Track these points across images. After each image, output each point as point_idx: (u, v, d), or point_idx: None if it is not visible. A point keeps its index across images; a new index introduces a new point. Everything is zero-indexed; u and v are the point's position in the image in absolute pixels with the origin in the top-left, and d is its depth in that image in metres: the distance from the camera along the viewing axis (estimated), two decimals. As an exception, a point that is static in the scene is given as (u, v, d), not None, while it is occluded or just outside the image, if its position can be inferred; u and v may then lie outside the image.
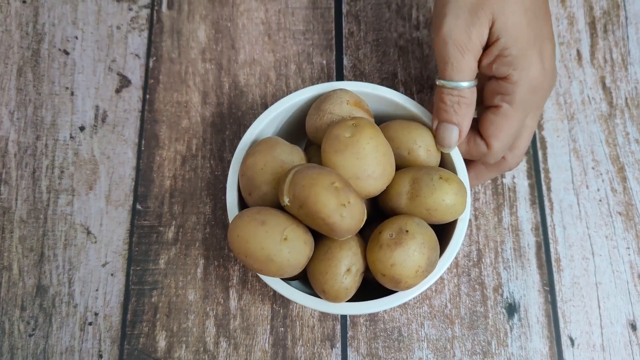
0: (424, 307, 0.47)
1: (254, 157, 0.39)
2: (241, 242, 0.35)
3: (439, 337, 0.46)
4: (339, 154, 0.37)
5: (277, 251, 0.35)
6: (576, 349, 0.46)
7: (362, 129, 0.37)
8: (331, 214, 0.34)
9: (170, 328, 0.46)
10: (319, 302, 0.38)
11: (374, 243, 0.37)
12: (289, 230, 0.35)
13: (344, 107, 0.40)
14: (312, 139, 0.42)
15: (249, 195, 0.39)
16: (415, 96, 0.52)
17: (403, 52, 0.54)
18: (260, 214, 0.35)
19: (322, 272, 0.37)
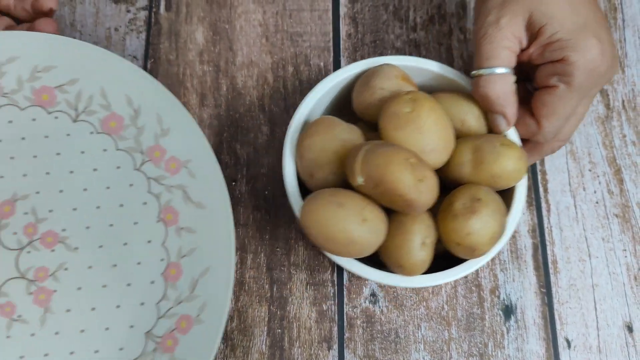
0: (421, 308, 0.47)
1: (313, 138, 0.39)
2: (320, 227, 0.35)
3: (435, 339, 0.46)
4: (400, 130, 0.37)
5: (359, 233, 0.35)
6: (572, 350, 0.46)
7: (421, 103, 0.37)
8: (410, 190, 0.34)
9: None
10: (397, 278, 0.38)
11: (447, 213, 0.37)
12: (367, 210, 0.35)
13: (394, 81, 0.41)
14: (361, 116, 0.42)
15: (310, 177, 0.39)
16: None
17: (400, 53, 0.54)
18: (335, 196, 0.36)
19: (398, 247, 0.37)
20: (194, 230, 0.43)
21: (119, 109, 0.45)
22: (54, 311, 0.42)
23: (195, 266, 0.42)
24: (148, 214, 0.44)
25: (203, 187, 0.43)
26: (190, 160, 0.44)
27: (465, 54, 0.54)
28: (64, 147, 0.45)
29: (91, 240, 0.43)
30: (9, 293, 0.42)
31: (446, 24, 0.55)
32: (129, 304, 0.42)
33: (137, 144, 0.45)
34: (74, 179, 0.44)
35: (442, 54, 0.54)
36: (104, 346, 0.42)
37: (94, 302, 0.42)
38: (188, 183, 0.43)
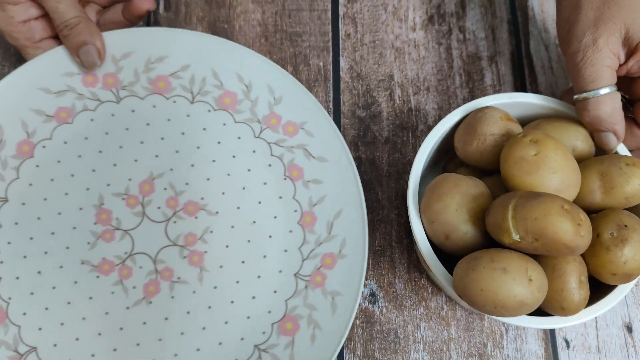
0: (420, 309, 0.48)
1: (443, 200, 0.38)
2: (488, 295, 0.35)
3: (435, 339, 0.47)
4: (533, 175, 0.37)
5: (529, 294, 0.35)
6: (571, 351, 0.47)
7: (544, 143, 0.37)
8: (573, 237, 0.34)
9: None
10: (566, 319, 0.39)
11: (598, 247, 0.37)
12: (530, 269, 0.35)
13: (500, 124, 0.41)
14: (470, 163, 0.43)
15: (445, 239, 0.39)
16: (412, 98, 0.53)
17: (400, 53, 0.55)
18: (495, 261, 0.35)
19: (558, 291, 0.37)
20: (321, 181, 0.49)
21: (231, 87, 0.50)
22: (208, 269, 0.47)
23: (327, 211, 0.48)
24: (274, 173, 0.49)
25: (322, 142, 0.49)
26: (306, 121, 0.49)
27: (464, 53, 0.55)
28: (187, 126, 0.50)
29: (228, 204, 0.49)
30: (165, 259, 0.47)
31: (445, 23, 0.56)
32: (273, 253, 0.48)
33: (253, 114, 0.50)
34: (201, 153, 0.50)
35: (442, 53, 0.55)
36: (259, 292, 0.47)
37: (242, 256, 0.48)
38: (307, 142, 0.49)
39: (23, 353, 0.45)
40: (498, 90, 0.54)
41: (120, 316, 0.46)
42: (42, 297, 0.46)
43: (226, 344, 0.46)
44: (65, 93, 0.49)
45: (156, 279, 0.47)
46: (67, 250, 0.47)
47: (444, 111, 0.53)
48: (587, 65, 0.40)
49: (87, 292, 0.46)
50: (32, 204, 0.48)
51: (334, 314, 0.46)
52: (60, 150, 0.49)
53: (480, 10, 0.56)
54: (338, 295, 0.46)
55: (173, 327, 0.46)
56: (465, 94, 0.54)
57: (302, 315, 0.46)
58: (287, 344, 0.46)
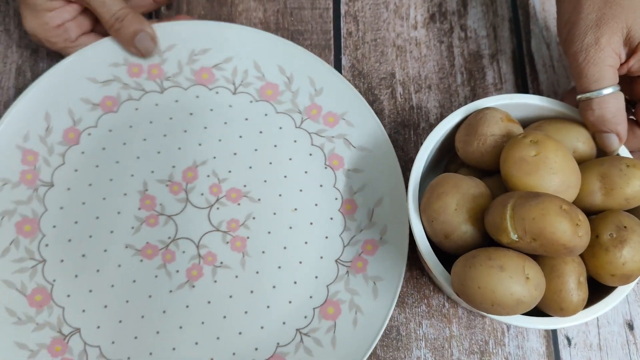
0: (422, 306, 0.48)
1: (443, 199, 0.38)
2: (485, 293, 0.35)
3: (437, 337, 0.47)
4: (532, 175, 0.37)
5: (526, 292, 0.34)
6: (573, 348, 0.47)
7: (544, 144, 0.37)
8: (571, 238, 0.34)
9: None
10: (564, 320, 0.39)
11: (597, 248, 0.37)
12: (527, 267, 0.35)
13: (501, 125, 0.41)
14: (471, 163, 0.43)
15: (444, 238, 0.39)
16: (414, 96, 0.53)
17: (401, 51, 0.55)
18: (492, 259, 0.35)
19: (556, 292, 0.37)
20: (361, 170, 0.50)
21: (272, 78, 0.52)
22: (250, 255, 0.48)
23: (368, 199, 0.49)
24: (315, 162, 0.50)
25: (362, 132, 0.50)
26: (346, 112, 0.51)
27: (466, 51, 0.55)
28: (229, 116, 0.51)
29: (270, 191, 0.50)
30: (208, 245, 0.48)
31: (447, 21, 0.56)
32: (314, 239, 0.49)
33: (294, 105, 0.51)
34: (244, 142, 0.51)
35: (443, 52, 0.55)
36: (301, 277, 0.48)
37: (284, 242, 0.49)
38: (348, 132, 0.50)
39: (67, 334, 0.46)
40: (499, 89, 0.54)
41: (164, 299, 0.47)
42: (86, 280, 0.47)
43: (268, 327, 0.47)
44: (111, 83, 0.51)
45: (199, 263, 0.48)
46: (111, 234, 0.48)
47: (445, 109, 0.54)
48: (590, 65, 0.40)
49: (131, 276, 0.47)
50: (77, 189, 0.49)
51: (375, 298, 0.46)
52: (105, 138, 0.50)
53: (481, 8, 0.57)
54: (379, 280, 0.47)
55: (215, 310, 0.47)
56: (467, 92, 0.54)
57: (344, 299, 0.47)
58: (328, 327, 0.46)
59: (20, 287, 0.46)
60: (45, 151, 0.49)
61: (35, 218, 0.48)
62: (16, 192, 0.48)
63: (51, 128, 0.49)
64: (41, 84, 0.49)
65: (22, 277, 0.47)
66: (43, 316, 0.46)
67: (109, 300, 0.47)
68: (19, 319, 0.46)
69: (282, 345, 0.46)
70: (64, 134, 0.49)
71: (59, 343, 0.46)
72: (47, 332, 0.46)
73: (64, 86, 0.50)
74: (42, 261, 0.47)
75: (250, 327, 0.46)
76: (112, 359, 0.46)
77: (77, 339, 0.46)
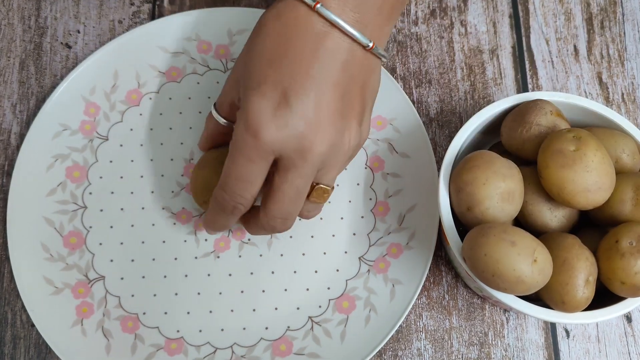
0: (422, 298, 0.48)
1: (473, 172, 0.39)
2: (489, 262, 0.36)
3: (436, 328, 0.47)
4: (566, 169, 0.38)
5: (529, 273, 0.35)
6: (571, 340, 0.47)
7: (586, 142, 0.38)
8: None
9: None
10: (562, 316, 0.39)
11: (613, 252, 0.38)
12: (538, 251, 0.36)
13: (549, 117, 0.41)
14: (512, 151, 0.44)
15: (467, 210, 0.40)
16: (414, 91, 0.54)
17: (402, 47, 0.55)
18: (507, 233, 0.36)
19: (562, 284, 0.37)
20: (400, 175, 0.50)
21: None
22: (278, 237, 0.49)
23: (402, 204, 0.50)
24: (356, 161, 0.51)
25: (407, 140, 0.51)
26: (395, 118, 0.52)
27: (466, 47, 0.55)
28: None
29: (308, 181, 0.51)
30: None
31: (447, 17, 0.56)
32: (342, 233, 0.49)
33: (346, 104, 0.53)
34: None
35: (444, 47, 0.55)
36: (322, 267, 0.48)
37: (312, 230, 0.49)
38: (393, 137, 0.51)
39: (92, 279, 0.48)
40: (499, 84, 0.54)
41: (188, 264, 0.48)
42: (119, 232, 0.49)
43: (282, 310, 0.47)
44: (180, 55, 0.53)
45: (228, 236, 0.49)
46: (151, 194, 0.50)
47: (445, 104, 0.54)
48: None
49: (162, 236, 0.49)
50: (129, 147, 0.51)
51: (391, 300, 0.47)
52: (164, 104, 0.52)
53: (481, 4, 0.57)
54: (399, 283, 0.47)
55: (235, 284, 0.48)
56: (467, 87, 0.54)
57: (360, 296, 0.47)
58: (340, 321, 0.47)
59: (59, 227, 0.49)
60: (107, 106, 0.52)
61: (85, 166, 0.50)
62: (73, 139, 0.51)
63: (117, 86, 0.52)
64: (116, 44, 0.52)
65: (62, 218, 0.49)
66: (74, 258, 0.48)
67: (137, 255, 0.48)
68: (51, 255, 0.48)
69: (292, 329, 0.47)
70: (127, 94, 0.52)
71: (83, 286, 0.47)
72: (74, 274, 0.48)
73: (136, 50, 0.53)
74: (83, 207, 0.49)
75: (264, 306, 0.47)
76: (128, 311, 0.47)
77: (100, 286, 0.48)
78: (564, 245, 0.39)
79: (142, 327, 0.47)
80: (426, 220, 0.48)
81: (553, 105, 0.43)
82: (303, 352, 0.46)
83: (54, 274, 0.47)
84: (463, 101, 0.54)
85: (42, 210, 0.49)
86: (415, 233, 0.48)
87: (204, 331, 0.47)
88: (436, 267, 0.49)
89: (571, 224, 0.43)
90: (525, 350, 0.47)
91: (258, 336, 0.47)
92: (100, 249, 0.49)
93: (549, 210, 0.42)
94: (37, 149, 0.50)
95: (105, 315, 0.47)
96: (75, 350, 0.45)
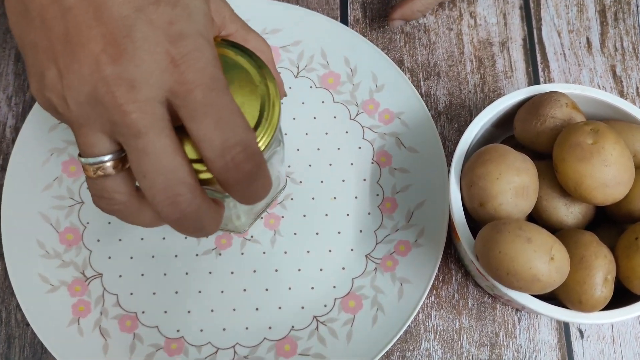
0: (431, 297, 0.47)
1: (486, 166, 0.38)
2: (504, 259, 0.34)
3: (446, 328, 0.46)
4: (584, 162, 0.36)
5: (546, 271, 0.34)
6: (585, 340, 0.46)
7: (604, 135, 0.36)
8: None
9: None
10: (579, 315, 0.37)
11: (634, 249, 0.37)
12: (555, 249, 0.35)
13: (565, 110, 0.40)
14: (525, 143, 0.42)
15: (479, 206, 0.38)
16: (422, 84, 0.52)
17: (409, 38, 0.54)
18: (522, 230, 0.35)
19: (579, 283, 0.36)
20: (408, 170, 0.49)
21: (336, 68, 0.52)
22: (282, 234, 0.48)
23: (410, 200, 0.48)
24: (363, 156, 0.50)
25: (415, 134, 0.49)
26: (403, 112, 0.50)
27: (475, 39, 0.54)
28: (287, 98, 0.51)
29: (313, 176, 0.49)
30: (242, 216, 0.48)
31: (456, 8, 0.55)
32: (348, 231, 0.48)
33: (352, 97, 0.51)
34: (296, 124, 0.51)
35: (452, 39, 0.54)
36: (328, 265, 0.47)
37: (317, 228, 0.48)
38: (401, 131, 0.50)
39: (89, 277, 0.46)
40: (510, 77, 0.53)
41: (189, 262, 0.47)
42: (118, 229, 0.47)
43: (286, 309, 0.46)
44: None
45: (230, 233, 0.47)
46: (151, 189, 0.48)
47: (454, 97, 0.52)
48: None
49: (162, 233, 0.47)
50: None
51: (399, 299, 0.45)
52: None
53: None
54: (407, 282, 0.45)
55: (237, 282, 0.46)
56: (477, 80, 0.53)
57: (367, 295, 0.46)
58: (346, 320, 0.45)
59: (55, 223, 0.47)
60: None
61: (82, 160, 0.48)
62: (69, 132, 0.49)
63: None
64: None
65: (59, 213, 0.47)
66: (70, 255, 0.46)
67: (135, 252, 0.47)
68: (47, 252, 0.46)
69: (296, 329, 0.45)
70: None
71: (80, 284, 0.46)
72: (71, 271, 0.46)
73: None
74: (80, 202, 0.48)
75: (268, 305, 0.46)
76: (127, 310, 0.45)
77: (98, 283, 0.46)
78: (582, 243, 0.38)
79: (140, 327, 0.45)
80: (435, 216, 0.47)
81: (568, 98, 0.41)
82: (308, 352, 0.44)
83: (49, 272, 0.46)
84: (473, 94, 0.52)
85: (37, 205, 0.47)
86: (424, 230, 0.47)
87: (205, 331, 0.45)
88: (445, 265, 0.48)
89: (587, 220, 0.41)
90: (537, 351, 0.46)
91: (261, 336, 0.45)
92: (98, 245, 0.47)
93: (564, 206, 0.40)
94: (32, 143, 0.49)
95: (103, 314, 0.45)
96: (72, 350, 0.44)
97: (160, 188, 0.28)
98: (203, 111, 0.28)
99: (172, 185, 0.28)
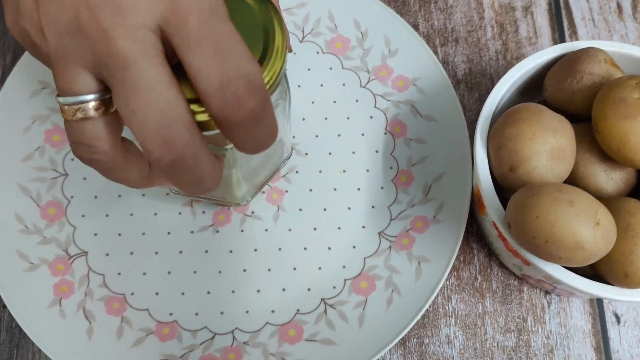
0: (452, 279, 0.42)
1: (518, 125, 0.34)
2: (542, 225, 0.30)
3: (468, 313, 0.42)
4: (630, 120, 0.32)
5: (591, 238, 0.30)
6: (622, 326, 0.42)
7: None
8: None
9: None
10: (615, 291, 0.33)
11: None
12: (600, 213, 0.30)
13: (603, 66, 0.36)
14: (559, 105, 0.38)
15: (509, 171, 0.34)
16: (439, 50, 0.49)
17: (425, 2, 0.50)
18: (564, 192, 0.31)
19: (626, 253, 0.32)
20: (425, 141, 0.45)
21: (345, 32, 0.48)
22: (286, 210, 0.43)
23: (427, 172, 0.44)
24: (375, 126, 0.45)
25: (433, 101, 0.45)
26: (419, 78, 0.46)
27: (496, 3, 0.50)
28: (291, 64, 0.47)
29: (320, 147, 0.45)
30: (242, 190, 0.43)
31: None
32: (359, 206, 0.43)
33: (363, 63, 0.47)
34: (301, 93, 0.46)
35: (471, 3, 0.50)
36: (337, 244, 0.42)
37: (325, 203, 0.43)
38: (417, 98, 0.46)
39: (73, 255, 0.42)
40: (534, 43, 0.49)
41: (183, 239, 0.42)
42: (105, 203, 0.43)
43: (290, 290, 0.41)
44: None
45: (229, 208, 0.43)
46: (142, 160, 0.44)
47: (474, 64, 0.48)
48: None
49: (153, 208, 0.43)
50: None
51: (417, 280, 0.41)
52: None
53: None
54: (425, 261, 0.41)
55: (236, 262, 0.42)
56: (498, 47, 0.49)
57: (381, 275, 0.41)
58: (358, 303, 0.41)
59: (35, 196, 0.43)
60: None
61: (67, 129, 0.44)
62: (53, 98, 0.45)
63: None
64: None
65: (40, 186, 0.43)
66: (52, 231, 0.42)
67: (124, 229, 0.42)
68: (27, 227, 0.42)
69: (302, 312, 0.41)
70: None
71: (63, 262, 0.41)
72: (52, 249, 0.42)
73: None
74: (64, 175, 0.43)
75: (270, 286, 0.41)
76: (114, 291, 0.41)
77: (83, 262, 0.42)
78: (626, 209, 0.34)
79: (129, 309, 0.40)
80: (456, 190, 0.42)
81: (606, 54, 0.38)
82: (315, 338, 0.40)
83: (29, 249, 0.41)
84: (494, 61, 0.48)
85: (16, 177, 0.43)
86: (444, 205, 0.42)
87: (201, 314, 0.40)
88: (467, 244, 0.43)
89: (629, 189, 0.37)
90: (569, 338, 0.42)
91: (263, 320, 0.40)
92: (83, 221, 0.42)
93: (604, 172, 0.36)
94: (12, 109, 0.44)
95: (88, 295, 0.41)
96: (53, 334, 0.39)
97: (152, 126, 0.24)
98: (199, 39, 0.24)
99: (166, 123, 0.24)
